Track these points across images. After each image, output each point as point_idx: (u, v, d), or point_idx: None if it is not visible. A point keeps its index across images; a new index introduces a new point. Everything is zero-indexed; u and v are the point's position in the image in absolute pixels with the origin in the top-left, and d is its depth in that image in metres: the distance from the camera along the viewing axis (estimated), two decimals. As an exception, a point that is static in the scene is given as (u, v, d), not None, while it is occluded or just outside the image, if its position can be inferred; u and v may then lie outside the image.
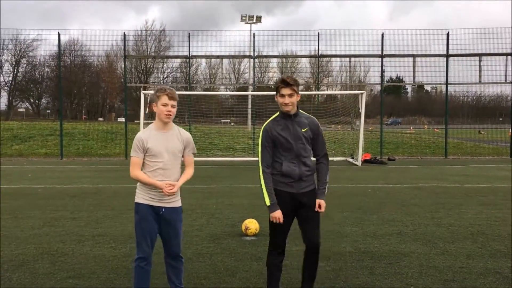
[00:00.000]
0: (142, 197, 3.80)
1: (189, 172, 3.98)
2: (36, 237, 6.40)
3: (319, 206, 3.88)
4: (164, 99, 3.76)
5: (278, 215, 3.82)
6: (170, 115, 3.79)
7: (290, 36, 54.05)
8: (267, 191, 3.82)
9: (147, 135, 3.82)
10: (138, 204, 3.80)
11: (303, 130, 3.87)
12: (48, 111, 72.82)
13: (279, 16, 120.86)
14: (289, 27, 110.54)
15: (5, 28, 76.37)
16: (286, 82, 3.80)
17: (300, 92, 3.94)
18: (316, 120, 4.01)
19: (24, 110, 71.40)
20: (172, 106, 3.78)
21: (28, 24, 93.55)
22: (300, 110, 3.96)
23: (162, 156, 3.78)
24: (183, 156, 3.96)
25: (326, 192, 3.94)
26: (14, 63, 59.16)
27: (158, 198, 3.79)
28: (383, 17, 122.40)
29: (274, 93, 3.93)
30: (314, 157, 4.01)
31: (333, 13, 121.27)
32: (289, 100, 3.79)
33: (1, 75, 56.83)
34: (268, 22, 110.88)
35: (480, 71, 22.08)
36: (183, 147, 3.91)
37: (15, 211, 8.25)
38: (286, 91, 3.80)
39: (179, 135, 3.91)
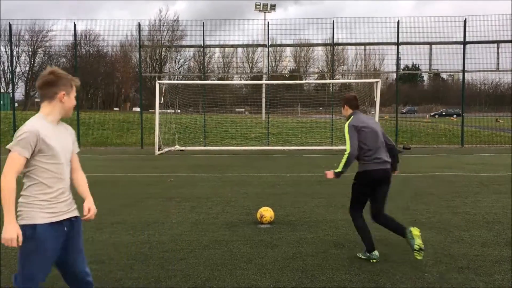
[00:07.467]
0: (40, 216, 2.79)
1: (84, 179, 3.21)
2: (56, 224, 6.54)
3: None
4: (74, 90, 3.00)
5: None
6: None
7: (306, 25, 53.68)
8: None
9: (44, 127, 2.82)
10: (34, 226, 2.76)
11: None
12: (65, 101, 73.57)
13: (306, 6, 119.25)
14: (314, 16, 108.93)
15: (22, 18, 77.13)
16: None
17: (314, 81, 4.00)
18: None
19: (41, 100, 72.25)
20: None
21: (56, 15, 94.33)
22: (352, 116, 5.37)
23: (60, 158, 2.87)
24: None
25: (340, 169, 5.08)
26: (30, 53, 59.82)
27: (63, 210, 2.94)
28: (409, 6, 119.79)
29: (288, 81, 4.01)
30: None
31: (358, 2, 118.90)
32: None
33: (18, 65, 57.48)
34: (294, 10, 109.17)
35: (498, 58, 21.72)
36: (72, 144, 3.07)
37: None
38: None
39: (69, 130, 3.09)
